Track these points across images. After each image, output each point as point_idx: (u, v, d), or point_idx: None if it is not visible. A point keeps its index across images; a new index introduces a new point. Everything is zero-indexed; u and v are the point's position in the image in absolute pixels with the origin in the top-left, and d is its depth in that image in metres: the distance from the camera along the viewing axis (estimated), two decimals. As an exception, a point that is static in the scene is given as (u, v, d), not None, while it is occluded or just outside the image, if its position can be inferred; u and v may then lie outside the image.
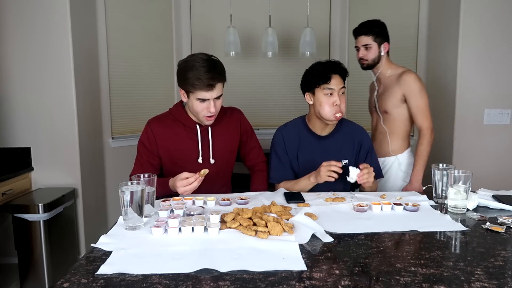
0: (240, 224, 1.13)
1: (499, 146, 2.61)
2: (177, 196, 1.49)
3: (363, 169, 1.50)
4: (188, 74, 1.48)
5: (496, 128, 2.60)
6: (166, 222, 1.14)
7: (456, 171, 1.37)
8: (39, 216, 2.28)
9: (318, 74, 1.61)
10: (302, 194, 1.53)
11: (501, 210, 1.36)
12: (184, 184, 1.41)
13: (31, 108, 2.56)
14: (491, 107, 2.59)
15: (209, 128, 1.66)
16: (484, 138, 2.60)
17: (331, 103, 1.60)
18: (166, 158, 1.66)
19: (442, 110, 2.77)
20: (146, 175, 1.29)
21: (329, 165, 1.51)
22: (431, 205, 1.41)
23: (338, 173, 1.53)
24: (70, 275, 0.87)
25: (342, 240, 1.08)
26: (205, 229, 1.12)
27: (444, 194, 1.42)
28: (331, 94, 1.60)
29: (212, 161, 1.66)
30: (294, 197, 1.49)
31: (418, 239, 1.09)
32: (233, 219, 1.17)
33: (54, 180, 2.62)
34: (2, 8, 2.49)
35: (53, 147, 2.60)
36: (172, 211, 1.29)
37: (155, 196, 1.34)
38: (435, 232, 1.14)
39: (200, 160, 1.65)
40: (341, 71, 1.63)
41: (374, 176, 1.57)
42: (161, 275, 0.87)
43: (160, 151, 1.64)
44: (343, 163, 1.66)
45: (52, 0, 2.48)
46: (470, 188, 1.36)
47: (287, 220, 1.20)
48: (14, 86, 2.55)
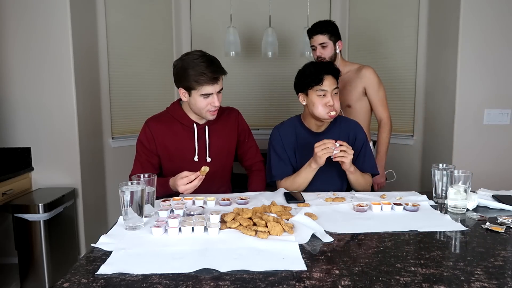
0: (240, 224, 1.13)
1: (499, 146, 2.61)
2: (177, 196, 1.49)
3: (340, 146, 1.51)
4: (190, 72, 1.49)
5: (496, 128, 2.60)
6: (166, 222, 1.14)
7: (456, 171, 1.37)
8: (39, 216, 2.28)
9: (310, 76, 1.62)
10: (302, 194, 1.53)
11: (501, 210, 1.36)
12: (185, 182, 1.41)
13: (31, 108, 2.56)
14: (491, 107, 2.59)
15: (206, 127, 1.67)
16: (484, 138, 2.60)
17: (324, 104, 1.61)
18: (165, 157, 1.67)
19: (442, 110, 2.77)
20: (146, 175, 1.29)
21: (322, 144, 1.52)
22: (431, 205, 1.41)
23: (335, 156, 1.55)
24: (70, 275, 0.87)
25: (342, 240, 1.08)
26: (205, 229, 1.12)
27: (444, 194, 1.43)
28: (324, 95, 1.61)
29: (209, 160, 1.66)
30: (294, 197, 1.49)
31: (418, 239, 1.09)
32: (233, 219, 1.17)
33: (54, 180, 2.62)
34: (2, 8, 2.49)
35: (53, 147, 2.60)
36: (172, 211, 1.29)
37: (155, 196, 1.35)
38: (435, 232, 1.14)
39: (196, 159, 1.66)
40: (334, 72, 1.64)
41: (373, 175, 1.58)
42: (161, 275, 0.87)
43: (159, 150, 1.65)
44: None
45: (52, 0, 2.48)
46: (470, 188, 1.36)
47: (287, 220, 1.20)
48: (14, 86, 2.55)
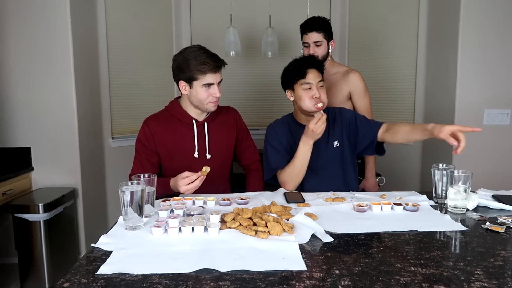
0: (240, 224, 1.13)
1: (499, 146, 2.61)
2: (177, 196, 1.49)
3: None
4: (192, 62, 1.53)
5: (496, 128, 2.60)
6: (166, 222, 1.14)
7: (456, 171, 1.37)
8: (39, 216, 2.28)
9: (295, 71, 1.67)
10: (302, 194, 1.53)
11: (501, 210, 1.36)
12: (186, 183, 1.42)
13: (31, 108, 2.56)
14: (491, 107, 2.59)
15: (205, 124, 1.68)
16: (484, 138, 2.60)
17: (311, 96, 1.64)
18: (164, 155, 1.67)
19: (442, 110, 2.77)
20: (146, 175, 1.29)
21: (317, 120, 1.56)
22: (431, 205, 1.41)
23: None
24: (70, 275, 0.87)
25: (342, 240, 1.08)
26: (205, 229, 1.12)
27: (444, 194, 1.43)
28: (310, 88, 1.64)
29: (209, 156, 1.67)
30: (294, 197, 1.49)
31: (418, 239, 1.09)
32: (233, 219, 1.17)
33: (54, 180, 2.62)
34: (3, 8, 2.49)
35: (53, 147, 2.60)
36: (172, 211, 1.29)
37: (155, 196, 1.35)
38: (435, 232, 1.14)
39: (196, 155, 1.66)
40: (317, 65, 1.67)
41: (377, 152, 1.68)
42: (161, 275, 0.87)
43: (158, 148, 1.65)
44: (335, 145, 1.71)
45: (53, 0, 2.48)
46: (470, 188, 1.36)
47: (287, 220, 1.20)
48: (15, 86, 2.55)
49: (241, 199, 1.43)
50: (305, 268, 0.89)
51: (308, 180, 1.71)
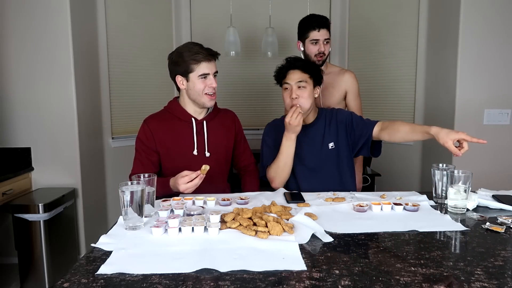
0: (240, 224, 1.13)
1: (499, 146, 2.61)
2: (177, 196, 1.49)
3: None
4: (185, 54, 1.57)
5: (496, 128, 2.60)
6: (166, 222, 1.14)
7: (456, 171, 1.37)
8: (39, 216, 2.28)
9: (278, 72, 1.71)
10: (302, 194, 1.53)
11: (501, 210, 1.36)
12: (186, 181, 1.42)
13: (31, 108, 2.56)
14: (491, 107, 2.59)
15: (204, 122, 1.70)
16: (484, 138, 2.58)
17: (288, 96, 1.67)
18: (164, 153, 1.68)
19: (442, 110, 2.77)
20: (146, 175, 1.29)
21: (291, 112, 1.59)
22: (431, 205, 1.41)
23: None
24: (70, 275, 0.87)
25: (342, 240, 1.08)
26: (205, 229, 1.12)
27: (444, 194, 1.43)
28: (288, 89, 1.67)
29: (208, 154, 1.68)
30: (294, 197, 1.49)
31: (418, 239, 1.09)
32: (233, 219, 1.17)
33: (54, 180, 2.62)
34: (3, 9, 2.49)
35: (53, 147, 2.60)
36: (172, 211, 1.29)
37: (155, 196, 1.35)
38: (435, 232, 1.14)
39: (195, 152, 1.67)
40: (300, 66, 1.67)
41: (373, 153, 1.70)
42: (161, 275, 0.87)
43: (158, 146, 1.66)
44: (330, 147, 1.72)
45: (53, 0, 2.48)
46: (470, 188, 1.36)
47: (287, 220, 1.20)
48: (14, 86, 2.55)
49: (241, 199, 1.43)
50: (305, 268, 0.89)
51: (304, 180, 1.72)
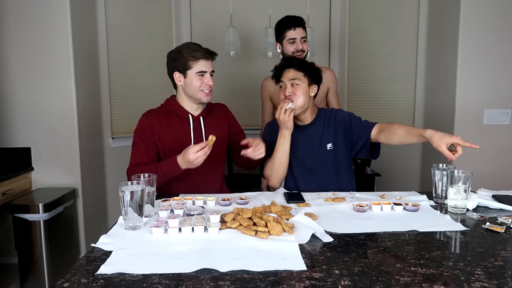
0: (240, 224, 1.13)
1: (499, 146, 2.61)
2: (177, 196, 1.50)
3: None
4: (184, 51, 1.62)
5: (496, 128, 2.60)
6: (166, 222, 1.14)
7: (456, 171, 1.37)
8: (39, 216, 2.28)
9: (275, 72, 1.73)
10: (302, 194, 1.53)
11: (501, 210, 1.36)
12: (196, 150, 1.43)
13: (31, 108, 2.56)
14: (491, 107, 2.59)
15: (201, 118, 1.73)
16: (484, 138, 2.60)
17: (283, 94, 1.68)
18: (162, 148, 1.69)
19: (442, 110, 2.77)
20: (146, 175, 1.29)
21: (280, 109, 1.60)
22: (431, 205, 1.41)
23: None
24: (70, 275, 0.87)
25: (342, 240, 1.08)
26: (205, 229, 1.12)
27: (444, 194, 1.42)
28: (283, 87, 1.68)
29: None
30: (294, 197, 1.49)
31: (418, 239, 1.09)
32: (233, 219, 1.17)
33: (54, 180, 2.62)
34: (3, 8, 2.49)
35: (53, 147, 2.60)
36: (172, 211, 1.29)
37: (155, 197, 1.35)
38: (435, 232, 1.14)
39: None
40: (294, 65, 1.68)
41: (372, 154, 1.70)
42: (161, 275, 0.87)
43: (157, 140, 1.68)
44: (328, 148, 1.71)
45: (53, 0, 2.48)
46: (470, 188, 1.36)
47: (287, 220, 1.20)
48: (14, 86, 2.55)
49: (241, 199, 1.43)
50: (305, 268, 0.89)
51: (302, 181, 1.72)
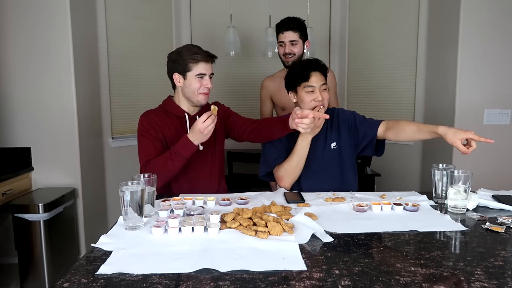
0: (240, 224, 1.13)
1: (499, 146, 2.61)
2: (177, 196, 1.50)
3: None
4: (184, 53, 1.63)
5: (496, 128, 2.60)
6: (166, 222, 1.14)
7: (456, 171, 1.37)
8: (39, 216, 2.28)
9: (298, 73, 1.66)
10: (302, 194, 1.53)
11: (501, 210, 1.36)
12: (204, 119, 1.50)
13: (31, 108, 2.56)
14: (491, 107, 2.59)
15: (197, 117, 1.71)
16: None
17: (312, 99, 1.64)
18: (165, 146, 1.69)
19: (442, 110, 2.77)
20: (146, 175, 1.30)
21: (318, 116, 1.51)
22: (431, 205, 1.41)
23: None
24: (70, 275, 0.87)
25: (342, 240, 1.08)
26: (205, 229, 1.12)
27: (444, 194, 1.42)
28: (312, 92, 1.64)
29: (201, 148, 1.69)
30: (294, 197, 1.49)
31: (418, 239, 1.09)
32: (233, 219, 1.17)
33: (54, 180, 2.62)
34: (3, 8, 2.49)
35: (53, 147, 2.60)
36: (172, 211, 1.29)
37: (155, 195, 1.35)
38: (435, 232, 1.14)
39: None
40: (320, 68, 1.67)
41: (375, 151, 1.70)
42: (161, 275, 0.87)
43: (161, 136, 1.69)
44: (332, 147, 1.72)
45: (53, 0, 2.48)
46: (470, 188, 1.36)
47: (287, 220, 1.20)
48: (15, 86, 2.55)
49: (241, 199, 1.43)
50: (305, 268, 0.89)
51: (306, 181, 1.71)
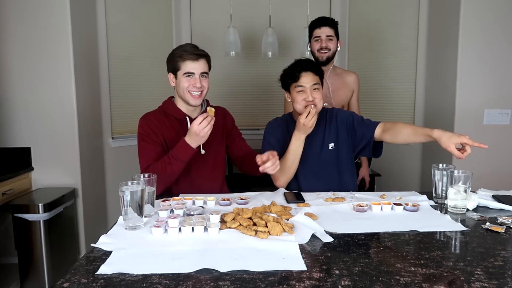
0: (240, 224, 1.13)
1: (499, 146, 2.61)
2: (177, 196, 1.50)
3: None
4: (175, 51, 1.63)
5: (496, 128, 2.60)
6: (166, 222, 1.14)
7: (456, 171, 1.37)
8: (39, 216, 2.28)
9: (288, 74, 1.69)
10: (302, 194, 1.53)
11: (501, 210, 1.36)
12: (199, 121, 1.47)
13: (31, 108, 2.56)
14: (491, 107, 2.59)
15: None
16: (484, 138, 2.57)
17: (303, 99, 1.64)
18: (165, 149, 1.68)
19: (442, 110, 2.77)
20: (146, 175, 1.30)
21: (304, 114, 1.57)
22: (431, 205, 1.41)
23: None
24: (70, 275, 0.87)
25: (342, 240, 1.08)
26: (205, 229, 1.12)
27: (444, 194, 1.42)
28: (303, 91, 1.65)
29: (203, 152, 1.67)
30: (294, 197, 1.49)
31: (418, 239, 1.09)
32: (233, 219, 1.17)
33: (54, 180, 2.62)
34: (2, 8, 2.49)
35: (53, 147, 2.60)
36: (172, 211, 1.29)
37: (155, 197, 1.35)
38: (435, 232, 1.14)
39: None
40: (313, 68, 1.67)
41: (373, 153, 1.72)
42: (161, 275, 0.87)
43: (161, 139, 1.67)
44: (330, 147, 1.72)
45: (53, 1, 2.48)
46: (470, 188, 1.36)
47: (287, 220, 1.20)
48: (14, 86, 2.55)
49: (241, 199, 1.43)
50: (305, 268, 0.89)
51: (304, 181, 1.72)
